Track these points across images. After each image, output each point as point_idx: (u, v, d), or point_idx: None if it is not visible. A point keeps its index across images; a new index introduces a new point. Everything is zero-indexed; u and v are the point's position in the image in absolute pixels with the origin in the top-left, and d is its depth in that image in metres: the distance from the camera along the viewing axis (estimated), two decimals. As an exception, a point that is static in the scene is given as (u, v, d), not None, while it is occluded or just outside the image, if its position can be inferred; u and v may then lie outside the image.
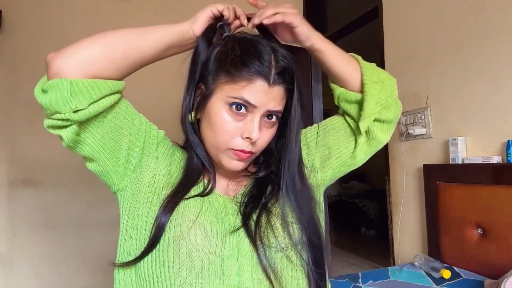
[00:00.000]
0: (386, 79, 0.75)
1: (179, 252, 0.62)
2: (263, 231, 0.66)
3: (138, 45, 0.63)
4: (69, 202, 2.04)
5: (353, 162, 0.78)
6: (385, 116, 0.74)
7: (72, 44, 0.59)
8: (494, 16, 1.51)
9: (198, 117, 0.70)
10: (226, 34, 0.69)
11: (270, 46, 0.65)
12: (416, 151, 1.90)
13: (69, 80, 0.56)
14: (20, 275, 1.96)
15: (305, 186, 0.72)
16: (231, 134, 0.65)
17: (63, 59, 0.57)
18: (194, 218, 0.65)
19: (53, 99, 0.56)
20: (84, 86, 0.57)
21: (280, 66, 0.64)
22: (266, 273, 0.64)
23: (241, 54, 0.63)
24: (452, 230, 1.58)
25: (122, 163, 0.67)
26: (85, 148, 0.64)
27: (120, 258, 0.68)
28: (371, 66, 0.76)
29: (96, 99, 0.59)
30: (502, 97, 1.49)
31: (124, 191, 0.69)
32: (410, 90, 1.92)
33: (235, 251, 0.64)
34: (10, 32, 1.97)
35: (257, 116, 0.64)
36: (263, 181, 0.75)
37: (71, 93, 0.56)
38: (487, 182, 1.46)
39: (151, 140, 0.70)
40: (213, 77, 0.66)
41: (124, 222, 0.69)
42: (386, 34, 2.09)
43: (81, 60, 0.58)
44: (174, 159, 0.73)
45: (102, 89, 0.59)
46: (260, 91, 0.63)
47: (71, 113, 0.57)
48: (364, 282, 1.46)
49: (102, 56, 0.60)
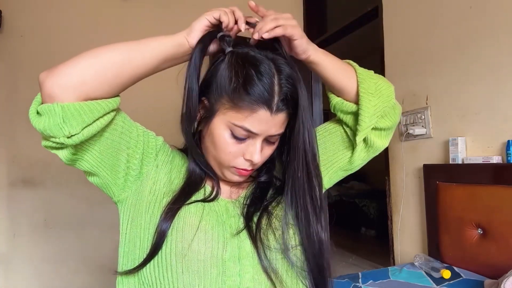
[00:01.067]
0: (383, 88, 0.73)
1: (182, 256, 0.62)
2: (263, 233, 0.67)
3: (131, 62, 0.61)
4: (69, 202, 2.04)
5: (350, 167, 0.78)
6: (382, 124, 0.73)
7: (63, 64, 0.57)
8: (494, 16, 1.51)
9: (201, 128, 0.70)
10: (229, 50, 0.66)
11: (275, 66, 0.63)
12: (416, 151, 1.90)
13: (60, 105, 0.55)
14: (20, 275, 1.96)
15: (315, 197, 0.70)
16: (233, 155, 0.66)
17: (54, 81, 0.56)
18: (197, 223, 0.65)
19: (47, 124, 0.56)
20: (76, 110, 0.56)
21: (283, 92, 0.62)
22: (267, 274, 0.64)
23: (244, 81, 0.61)
24: (452, 230, 1.58)
25: (122, 176, 0.67)
26: (84, 164, 0.64)
27: (123, 267, 0.68)
28: (368, 76, 0.73)
29: (90, 123, 0.58)
30: (502, 97, 1.49)
31: (125, 202, 0.69)
32: (410, 90, 1.92)
33: (237, 253, 0.65)
34: (10, 32, 1.97)
35: (259, 141, 0.65)
36: (265, 184, 0.76)
37: (64, 119, 0.55)
38: (487, 182, 1.46)
39: (150, 150, 0.70)
40: (216, 98, 0.64)
41: (125, 232, 0.69)
42: (386, 34, 2.09)
43: (72, 82, 0.56)
44: (174, 165, 0.73)
45: (95, 111, 0.58)
46: (263, 120, 0.62)
47: (65, 138, 0.56)
48: (364, 282, 1.46)
49: (94, 77, 0.58)
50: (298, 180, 0.69)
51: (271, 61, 0.64)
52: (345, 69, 0.73)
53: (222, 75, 0.64)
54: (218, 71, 0.65)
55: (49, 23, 2.03)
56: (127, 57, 0.60)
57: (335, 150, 0.77)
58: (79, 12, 2.09)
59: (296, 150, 0.68)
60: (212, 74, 0.66)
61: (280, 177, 0.76)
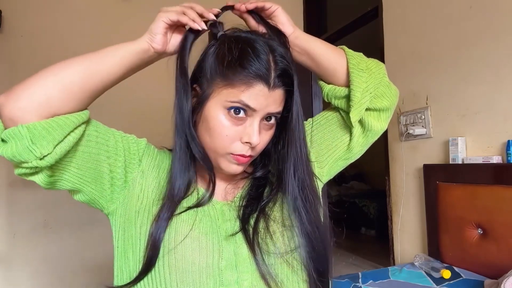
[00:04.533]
0: (373, 66, 0.71)
1: (175, 268, 0.60)
2: (261, 237, 0.64)
3: (95, 74, 0.58)
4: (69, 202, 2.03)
5: (349, 155, 0.76)
6: (379, 104, 0.71)
7: (22, 84, 0.54)
8: (494, 16, 1.51)
9: (194, 119, 0.66)
10: (221, 34, 0.65)
11: (268, 45, 0.62)
12: (416, 151, 1.90)
13: (26, 126, 0.51)
14: (20, 275, 1.96)
15: (313, 189, 0.69)
16: (230, 139, 0.62)
17: (16, 104, 0.52)
18: (187, 232, 0.62)
19: (15, 150, 0.52)
20: (44, 129, 0.52)
21: (279, 68, 0.61)
22: (265, 280, 0.62)
23: (238, 56, 0.59)
24: (452, 230, 1.58)
25: (108, 187, 0.64)
26: (64, 184, 0.61)
27: (119, 282, 0.65)
28: (358, 54, 0.72)
29: (61, 139, 0.54)
30: (502, 97, 1.49)
31: (115, 213, 0.67)
32: (410, 90, 1.92)
33: (233, 260, 0.62)
34: (10, 32, 1.97)
35: (257, 120, 0.62)
36: (261, 182, 0.73)
37: (32, 140, 0.52)
38: (487, 182, 1.46)
39: (132, 156, 0.67)
40: (209, 80, 0.62)
41: (118, 245, 0.66)
42: (386, 34, 2.09)
43: (35, 102, 0.53)
44: (163, 168, 0.69)
45: (64, 127, 0.54)
46: (260, 95, 0.60)
47: (38, 161, 0.53)
48: (364, 282, 1.46)
49: (59, 94, 0.54)
50: (298, 163, 0.66)
51: (265, 41, 0.63)
52: (333, 48, 0.72)
53: (214, 55, 0.63)
54: (210, 54, 0.64)
55: (49, 23, 2.03)
56: (91, 68, 0.57)
57: (334, 138, 0.75)
58: (79, 12, 2.09)
59: (294, 133, 0.66)
60: (203, 59, 0.65)
61: (275, 172, 0.72)
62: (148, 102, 2.04)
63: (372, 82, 0.70)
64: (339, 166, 0.77)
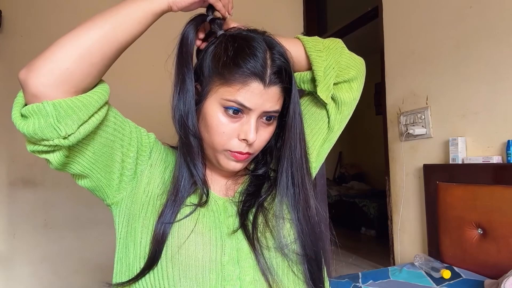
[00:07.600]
0: (331, 44, 0.73)
1: (179, 262, 0.60)
2: (260, 231, 0.65)
3: (115, 39, 0.55)
4: (69, 202, 2.04)
5: (332, 135, 0.78)
6: (347, 76, 0.73)
7: (42, 58, 0.52)
8: (494, 16, 1.51)
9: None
10: (221, 33, 0.66)
11: (266, 43, 0.63)
12: (416, 151, 1.90)
13: (52, 103, 0.50)
14: (20, 275, 1.96)
15: (309, 186, 0.69)
16: (227, 135, 0.63)
17: (38, 78, 0.50)
18: (192, 226, 0.62)
19: (37, 127, 0.50)
20: (69, 107, 0.51)
21: (276, 65, 0.62)
22: (265, 276, 0.62)
23: (234, 54, 0.60)
24: (452, 230, 1.58)
25: (117, 176, 0.64)
26: (75, 167, 0.59)
27: (117, 275, 0.65)
28: (313, 38, 0.74)
29: (86, 119, 0.53)
30: (502, 97, 1.49)
31: (120, 204, 0.66)
32: (410, 90, 1.92)
33: (235, 255, 0.63)
34: (10, 32, 1.97)
35: (253, 117, 0.62)
36: (260, 178, 0.73)
37: (58, 119, 0.50)
38: (487, 182, 1.46)
39: (143, 148, 0.67)
40: (207, 79, 0.63)
41: (120, 236, 0.66)
42: (386, 34, 2.09)
43: (58, 76, 0.51)
44: (168, 163, 0.70)
45: (89, 107, 0.53)
46: (255, 93, 0.60)
47: (60, 139, 0.52)
48: (364, 282, 1.46)
49: (80, 64, 0.52)
50: (295, 158, 0.68)
51: (263, 39, 0.64)
52: (289, 40, 0.73)
53: (213, 54, 0.63)
54: (209, 53, 0.64)
55: (49, 23, 2.03)
56: (111, 34, 0.54)
57: (315, 121, 0.76)
58: (79, 12, 2.09)
59: (291, 130, 0.67)
60: (203, 57, 0.65)
61: (275, 168, 0.73)
62: (148, 102, 2.04)
63: (332, 58, 0.72)
64: (325, 150, 0.79)
